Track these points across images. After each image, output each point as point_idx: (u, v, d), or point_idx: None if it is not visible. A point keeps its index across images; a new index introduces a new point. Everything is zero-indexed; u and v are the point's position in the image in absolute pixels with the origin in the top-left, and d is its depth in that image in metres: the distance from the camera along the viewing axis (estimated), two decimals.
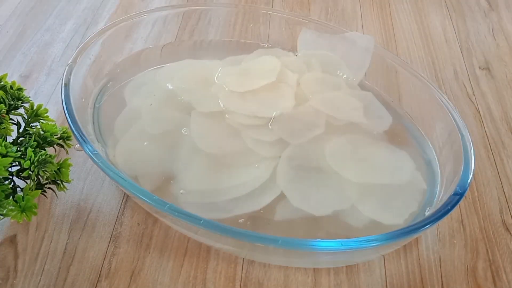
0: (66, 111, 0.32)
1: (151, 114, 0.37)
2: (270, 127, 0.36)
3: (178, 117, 0.37)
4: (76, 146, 0.32)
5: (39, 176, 0.30)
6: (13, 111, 0.33)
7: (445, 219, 0.27)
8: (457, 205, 0.28)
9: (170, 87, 0.39)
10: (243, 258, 0.32)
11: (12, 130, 0.32)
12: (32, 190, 0.30)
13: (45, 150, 0.31)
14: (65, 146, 0.33)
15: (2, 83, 0.33)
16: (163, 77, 0.40)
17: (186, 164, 0.34)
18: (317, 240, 0.26)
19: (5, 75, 0.34)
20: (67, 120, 0.31)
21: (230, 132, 0.36)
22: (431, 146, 0.36)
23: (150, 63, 0.43)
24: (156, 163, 0.34)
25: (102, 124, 0.37)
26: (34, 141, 0.30)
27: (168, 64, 0.42)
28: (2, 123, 0.31)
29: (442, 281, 0.32)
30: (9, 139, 0.31)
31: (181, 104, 0.38)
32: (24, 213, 0.28)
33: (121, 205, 0.35)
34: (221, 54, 0.44)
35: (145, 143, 0.35)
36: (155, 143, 0.35)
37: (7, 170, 0.28)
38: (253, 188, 0.32)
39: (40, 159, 0.29)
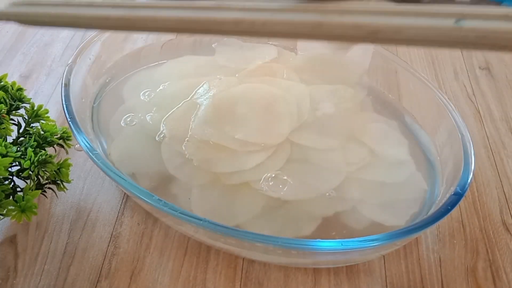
0: (66, 111, 0.32)
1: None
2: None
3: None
4: (76, 146, 0.32)
5: (39, 176, 0.30)
6: (14, 111, 0.33)
7: (445, 219, 0.27)
8: (457, 205, 0.28)
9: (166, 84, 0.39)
10: (243, 258, 0.32)
11: (12, 130, 0.32)
12: (32, 190, 0.30)
13: (45, 150, 0.31)
14: (65, 146, 0.33)
15: (2, 83, 0.33)
16: (162, 74, 0.40)
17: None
18: (317, 240, 0.26)
19: (5, 75, 0.34)
20: (67, 120, 0.31)
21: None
22: (431, 146, 0.36)
23: (149, 60, 0.43)
24: (152, 162, 0.34)
25: (101, 123, 0.37)
26: (34, 141, 0.30)
27: (167, 61, 0.42)
28: (2, 123, 0.31)
29: (442, 281, 0.32)
30: (9, 139, 0.31)
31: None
32: (24, 213, 0.28)
33: (121, 205, 0.35)
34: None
35: (139, 142, 0.35)
36: (150, 142, 0.35)
37: (7, 170, 0.28)
38: None
39: (40, 159, 0.29)
